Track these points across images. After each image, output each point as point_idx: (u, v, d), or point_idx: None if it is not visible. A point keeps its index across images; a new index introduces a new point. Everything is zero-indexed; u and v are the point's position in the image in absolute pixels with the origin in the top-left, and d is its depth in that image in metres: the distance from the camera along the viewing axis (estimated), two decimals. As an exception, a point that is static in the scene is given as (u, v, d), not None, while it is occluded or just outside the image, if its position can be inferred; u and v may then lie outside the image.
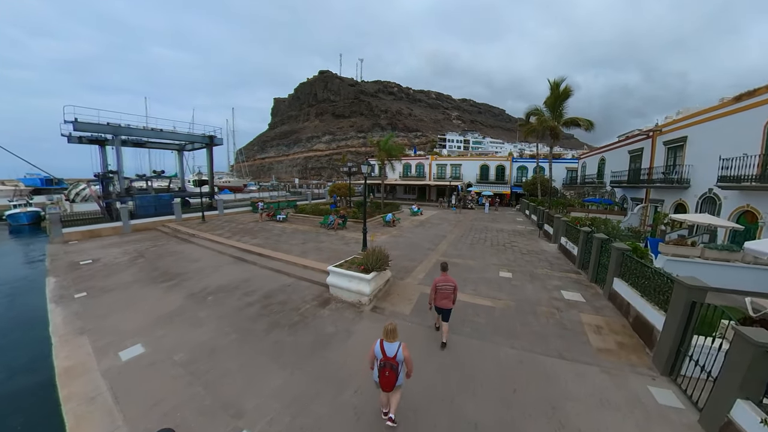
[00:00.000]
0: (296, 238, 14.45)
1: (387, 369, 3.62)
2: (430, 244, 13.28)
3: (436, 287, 5.67)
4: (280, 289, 8.75)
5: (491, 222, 21.39)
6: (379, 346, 3.72)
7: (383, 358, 3.67)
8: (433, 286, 5.73)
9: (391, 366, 3.63)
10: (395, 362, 3.64)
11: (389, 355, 3.65)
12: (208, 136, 25.09)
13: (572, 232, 11.57)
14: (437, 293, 5.65)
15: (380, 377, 3.68)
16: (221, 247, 13.72)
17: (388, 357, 3.65)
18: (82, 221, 17.52)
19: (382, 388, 3.73)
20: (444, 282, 5.67)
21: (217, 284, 9.22)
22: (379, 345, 3.73)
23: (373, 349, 3.78)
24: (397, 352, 3.67)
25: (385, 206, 24.86)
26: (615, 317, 6.83)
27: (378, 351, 3.71)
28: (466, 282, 8.59)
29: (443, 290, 5.63)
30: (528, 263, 10.71)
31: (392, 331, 3.77)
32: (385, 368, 3.63)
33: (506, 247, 13.05)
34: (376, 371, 3.73)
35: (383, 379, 3.65)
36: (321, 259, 10.80)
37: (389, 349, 3.68)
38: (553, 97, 17.75)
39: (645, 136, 17.59)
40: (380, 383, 3.71)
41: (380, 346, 3.71)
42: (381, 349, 3.70)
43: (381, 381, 3.69)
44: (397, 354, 3.66)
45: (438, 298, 5.66)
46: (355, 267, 7.54)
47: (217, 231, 17.08)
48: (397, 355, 3.66)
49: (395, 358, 3.65)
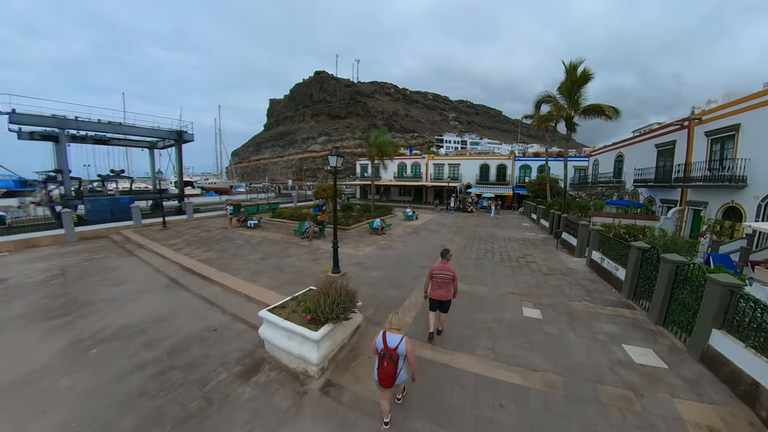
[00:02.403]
0: (258, 251, 11.59)
1: (386, 359, 3.36)
2: (426, 259, 10.41)
3: (432, 275, 5.13)
4: (200, 336, 5.91)
5: (496, 228, 18.61)
6: (381, 337, 3.50)
7: (383, 348, 3.42)
8: (429, 274, 5.20)
9: (391, 356, 3.37)
10: (396, 354, 3.39)
11: (390, 346, 3.41)
12: (176, 132, 22.19)
13: (613, 247, 8.79)
14: (433, 281, 5.12)
15: (378, 368, 3.39)
16: (163, 263, 10.91)
17: (389, 347, 3.41)
18: (20, 229, 14.71)
19: (380, 381, 3.40)
20: (441, 270, 5.09)
21: (121, 323, 6.46)
22: (382, 336, 3.51)
23: (375, 340, 3.54)
24: (399, 343, 3.43)
25: (376, 209, 22.04)
26: (729, 403, 4.03)
27: (379, 341, 3.49)
28: (477, 330, 5.74)
29: (440, 278, 5.05)
30: (556, 290, 7.90)
31: (397, 322, 3.62)
32: (384, 358, 3.37)
33: (521, 263, 10.22)
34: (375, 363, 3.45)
35: (381, 370, 3.35)
36: (274, 284, 7.96)
37: (391, 340, 3.45)
38: (570, 81, 15.04)
39: (678, 126, 14.92)
40: (378, 375, 3.39)
41: (382, 337, 3.49)
42: (383, 339, 3.47)
43: (379, 373, 3.37)
44: (399, 346, 3.42)
45: (434, 287, 5.10)
46: (298, 316, 4.71)
47: (172, 240, 14.26)
48: (398, 347, 3.41)
49: (396, 350, 3.40)
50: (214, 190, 46.07)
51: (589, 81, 14.93)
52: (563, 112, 15.02)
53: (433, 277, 5.10)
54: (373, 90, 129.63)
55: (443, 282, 5.03)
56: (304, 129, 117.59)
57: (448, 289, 5.07)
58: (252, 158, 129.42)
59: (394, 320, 3.63)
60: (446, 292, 5.06)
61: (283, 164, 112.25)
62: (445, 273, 5.04)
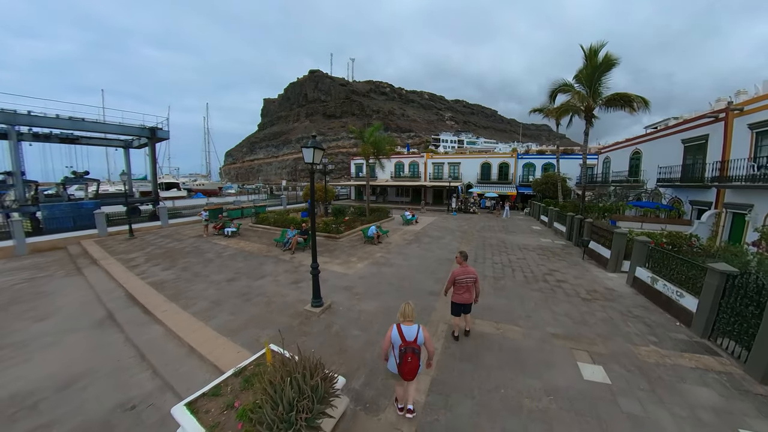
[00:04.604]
0: (227, 269, 9.54)
1: (409, 354, 3.21)
2: (433, 280, 8.37)
3: (454, 280, 5.00)
4: (106, 421, 3.94)
5: (505, 232, 16.72)
6: (396, 331, 3.33)
7: (403, 344, 3.25)
8: (452, 278, 5.04)
9: (413, 350, 3.23)
10: (417, 346, 3.27)
11: (409, 339, 3.26)
12: (149, 129, 19.97)
13: (671, 265, 6.91)
14: (456, 286, 5.03)
15: (403, 364, 3.23)
16: (108, 288, 8.91)
17: (409, 341, 3.25)
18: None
19: (404, 376, 3.28)
20: (464, 275, 4.97)
21: (11, 390, 4.76)
22: (397, 329, 3.34)
23: (390, 336, 3.36)
24: (417, 335, 3.30)
25: (372, 213, 20.03)
26: None
27: (396, 336, 3.30)
28: (526, 417, 3.69)
29: (464, 282, 4.97)
30: (609, 325, 5.98)
31: (410, 312, 3.41)
32: (407, 353, 3.21)
33: (550, 283, 8.27)
34: (397, 359, 3.28)
35: (406, 366, 3.22)
36: (232, 325, 5.93)
37: (408, 333, 3.29)
38: (591, 67, 13.19)
39: (713, 119, 13.16)
40: (403, 371, 3.25)
41: (398, 330, 3.32)
42: (399, 333, 3.30)
43: (404, 369, 3.23)
44: (418, 336, 3.30)
45: (457, 290, 5.02)
46: (233, 420, 2.71)
47: (132, 254, 12.19)
48: (418, 338, 3.29)
49: (416, 342, 3.27)
50: (201, 192, 43.72)
51: (612, 67, 13.10)
52: (585, 101, 13.14)
53: (455, 283, 5.02)
54: (369, 89, 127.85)
55: (467, 286, 5.01)
56: (299, 129, 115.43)
57: (471, 293, 5.08)
58: (246, 159, 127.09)
59: (407, 311, 3.43)
60: (470, 296, 5.07)
61: (277, 164, 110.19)
62: (468, 277, 5.00)
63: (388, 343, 3.38)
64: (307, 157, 5.17)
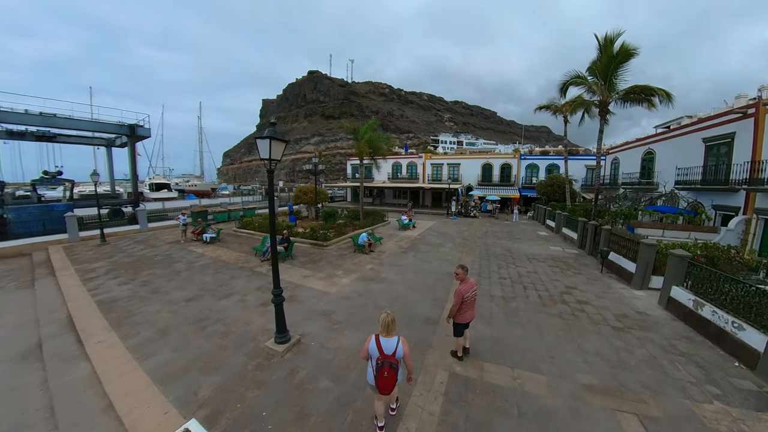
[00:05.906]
0: (192, 284, 8.21)
1: (386, 368, 3.01)
2: (431, 303, 6.99)
3: (462, 299, 4.41)
4: None
5: (509, 239, 15.42)
6: (374, 343, 3.11)
7: (381, 357, 3.04)
8: (459, 296, 4.43)
9: (391, 365, 3.02)
10: (395, 360, 3.06)
11: (387, 353, 3.04)
12: (128, 126, 18.65)
13: (725, 289, 5.60)
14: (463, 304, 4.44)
15: (379, 379, 3.03)
16: (53, 306, 7.69)
17: (387, 355, 3.04)
18: None
19: (380, 390, 3.07)
20: (470, 290, 4.50)
21: None
22: (375, 341, 3.12)
23: (367, 347, 3.15)
24: (396, 348, 3.08)
25: (366, 216, 18.68)
26: None
27: (374, 348, 3.09)
28: None
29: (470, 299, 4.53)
30: (653, 368, 4.68)
31: (390, 323, 3.14)
32: (383, 367, 3.01)
33: (571, 306, 6.94)
34: (373, 372, 3.09)
35: (382, 380, 3.02)
36: (172, 367, 4.60)
37: (387, 346, 3.07)
38: (606, 58, 11.93)
39: (740, 115, 11.92)
40: (379, 386, 3.05)
41: (376, 342, 3.10)
42: (377, 345, 3.08)
43: (380, 383, 3.03)
44: (397, 350, 3.07)
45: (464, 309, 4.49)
46: None
47: (94, 264, 10.93)
48: (396, 352, 3.07)
49: (395, 356, 3.05)
50: (194, 193, 42.38)
51: (630, 59, 11.84)
52: (601, 93, 11.86)
53: (464, 302, 4.49)
54: (368, 90, 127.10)
55: (472, 302, 4.64)
56: (297, 129, 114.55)
57: (475, 307, 4.75)
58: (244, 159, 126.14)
59: (387, 321, 3.14)
60: (474, 311, 4.73)
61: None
62: (474, 292, 4.61)
63: (365, 353, 3.20)
64: (263, 152, 3.88)
